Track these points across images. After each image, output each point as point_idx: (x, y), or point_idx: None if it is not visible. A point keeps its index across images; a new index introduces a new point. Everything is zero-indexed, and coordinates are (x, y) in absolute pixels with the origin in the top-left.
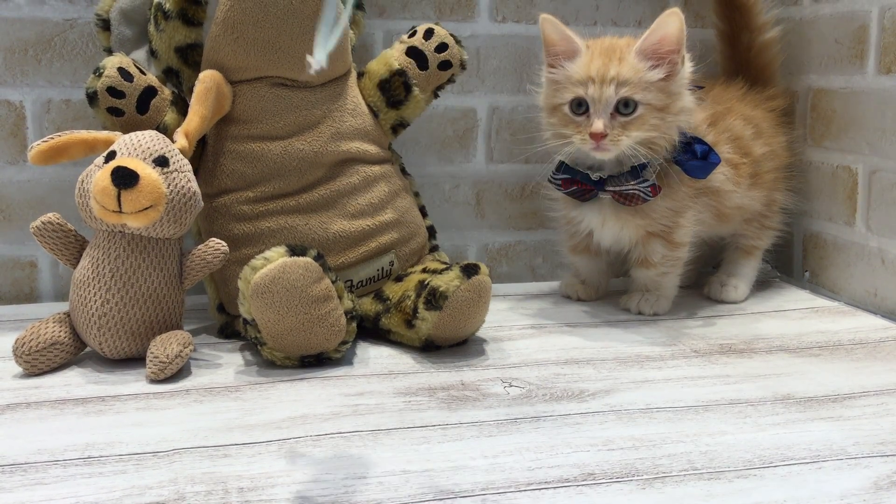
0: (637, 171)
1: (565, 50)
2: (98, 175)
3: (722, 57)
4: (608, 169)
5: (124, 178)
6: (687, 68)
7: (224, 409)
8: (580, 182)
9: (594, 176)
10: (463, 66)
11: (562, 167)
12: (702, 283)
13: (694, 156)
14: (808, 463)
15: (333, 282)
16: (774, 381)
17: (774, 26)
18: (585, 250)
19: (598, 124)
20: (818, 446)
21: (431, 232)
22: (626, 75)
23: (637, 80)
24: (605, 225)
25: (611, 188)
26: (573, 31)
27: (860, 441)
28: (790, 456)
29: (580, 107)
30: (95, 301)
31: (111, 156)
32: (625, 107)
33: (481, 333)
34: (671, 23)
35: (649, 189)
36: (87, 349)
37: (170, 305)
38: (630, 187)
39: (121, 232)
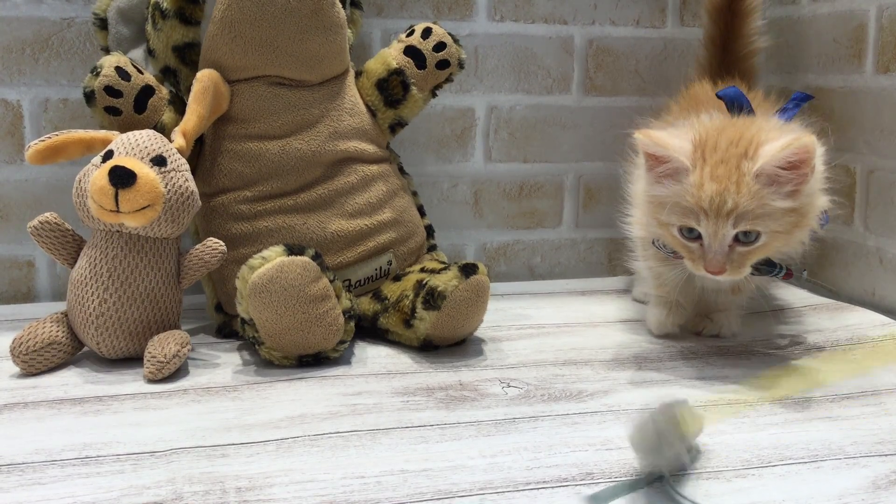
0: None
1: (669, 169)
2: (95, 174)
3: (706, 59)
4: None
5: (122, 178)
6: (818, 171)
7: (222, 408)
8: None
9: None
10: (461, 66)
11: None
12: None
13: None
14: (806, 462)
15: (331, 281)
16: (772, 380)
17: (764, 34)
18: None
19: (715, 263)
20: (816, 446)
21: (430, 231)
22: (745, 206)
23: (759, 210)
24: (705, 277)
25: None
26: (676, 140)
27: (858, 441)
28: (788, 456)
29: (691, 232)
30: (93, 301)
31: (109, 155)
32: (745, 236)
33: (479, 333)
34: (805, 149)
35: (782, 276)
36: (85, 349)
37: (167, 305)
38: (762, 273)
39: (118, 231)
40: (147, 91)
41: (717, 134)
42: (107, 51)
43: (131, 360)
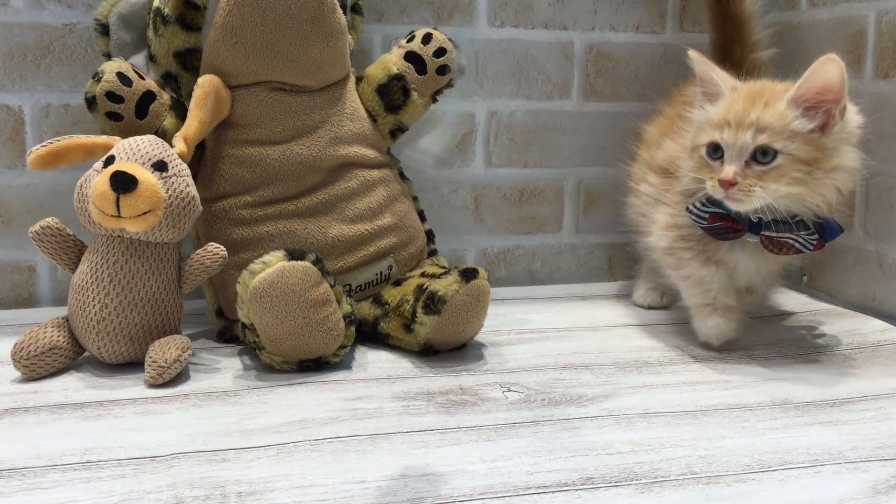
0: (800, 225)
1: (708, 91)
2: (97, 180)
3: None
4: (767, 215)
5: (123, 183)
6: (851, 122)
7: (223, 413)
8: (731, 220)
9: (753, 217)
10: (461, 71)
11: (711, 201)
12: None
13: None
14: (806, 467)
15: (332, 286)
16: (773, 385)
17: (768, 47)
18: (711, 261)
19: (728, 171)
20: (817, 450)
21: (430, 236)
22: (766, 121)
23: (779, 128)
24: (738, 267)
25: (767, 233)
26: (722, 72)
27: (858, 445)
28: (789, 460)
29: (716, 151)
30: (94, 306)
31: (110, 160)
32: (762, 155)
33: (480, 338)
34: (830, 70)
35: (813, 243)
36: (86, 354)
37: (168, 310)
38: (791, 237)
39: (119, 237)
40: (148, 96)
41: (756, 83)
42: (108, 56)
43: (132, 364)
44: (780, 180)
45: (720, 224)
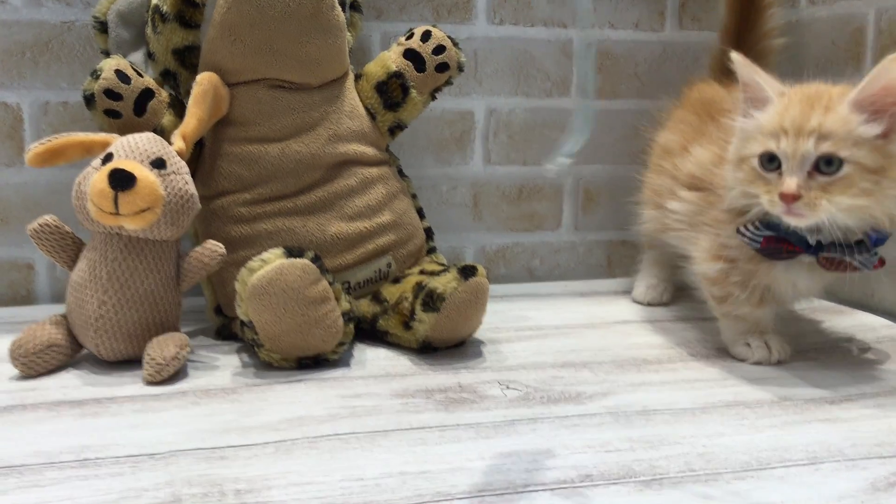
0: (861, 246)
1: (754, 97)
2: (95, 177)
3: (720, 56)
4: (826, 235)
5: (121, 181)
6: None
7: (221, 410)
8: (787, 243)
9: (812, 240)
10: (460, 69)
11: (764, 223)
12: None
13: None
14: (805, 465)
15: (331, 283)
16: (772, 383)
17: (780, 36)
18: (765, 299)
19: (790, 183)
20: (815, 448)
21: (429, 234)
22: (829, 127)
23: (844, 134)
24: (795, 285)
25: (827, 255)
26: (767, 75)
27: (857, 443)
28: (787, 458)
29: (771, 162)
30: (92, 303)
31: (108, 158)
32: (827, 165)
33: (479, 335)
34: (893, 71)
35: (874, 262)
36: (84, 351)
37: (167, 307)
38: (853, 259)
39: (118, 234)
40: (147, 94)
41: (809, 86)
42: (107, 54)
43: (130, 362)
44: (846, 192)
45: (774, 246)
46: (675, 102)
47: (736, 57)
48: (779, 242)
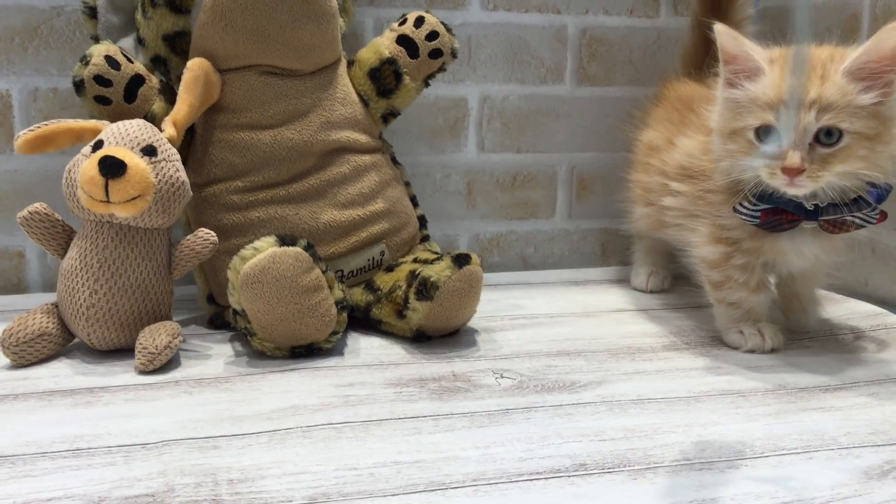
0: (861, 203)
1: (745, 68)
2: (85, 164)
3: (691, 45)
4: (822, 197)
5: (112, 168)
6: None
7: (214, 400)
8: (786, 212)
9: (809, 205)
10: (454, 55)
11: (758, 195)
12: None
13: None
14: (799, 453)
15: (324, 272)
16: (766, 371)
17: (750, 23)
18: (762, 285)
19: (794, 158)
20: (809, 436)
21: (422, 222)
22: (830, 98)
23: (844, 105)
24: (802, 252)
25: (827, 217)
26: (754, 44)
27: (851, 431)
28: (782, 446)
29: (768, 134)
30: (83, 292)
31: (98, 145)
32: (827, 136)
33: (472, 324)
34: (893, 38)
35: (876, 217)
36: (76, 340)
37: (159, 296)
38: (851, 216)
39: (108, 222)
40: (137, 80)
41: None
42: (96, 40)
43: (122, 351)
44: (845, 161)
45: (773, 218)
46: (654, 100)
47: (720, 28)
48: (777, 214)
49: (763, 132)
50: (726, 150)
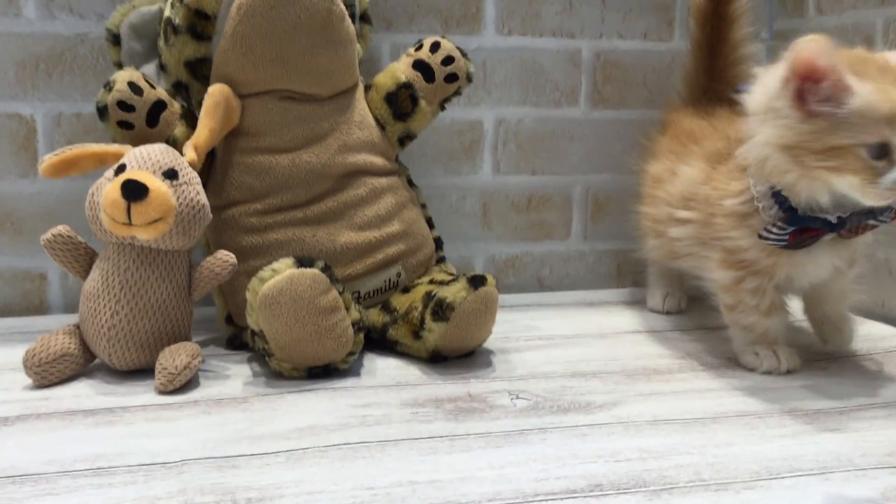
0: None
1: (828, 91)
2: (108, 188)
3: (693, 69)
4: (850, 206)
5: (134, 191)
6: None
7: (232, 419)
8: (813, 230)
9: (833, 218)
10: (469, 79)
11: (789, 218)
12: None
13: None
14: (815, 474)
15: (341, 293)
16: (782, 392)
17: (750, 43)
18: (775, 307)
19: None
20: (826, 458)
21: (438, 243)
22: None
23: None
24: (819, 262)
25: (850, 225)
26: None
27: (868, 452)
28: (798, 467)
29: (882, 151)
30: (105, 313)
31: (121, 169)
32: None
33: (488, 345)
34: None
35: (890, 216)
36: (97, 360)
37: (178, 317)
38: (873, 221)
39: (130, 244)
40: (159, 105)
41: (862, 59)
42: (119, 66)
43: (143, 371)
44: None
45: (799, 238)
46: (660, 129)
47: (813, 38)
48: (802, 233)
49: (877, 150)
50: (813, 167)
